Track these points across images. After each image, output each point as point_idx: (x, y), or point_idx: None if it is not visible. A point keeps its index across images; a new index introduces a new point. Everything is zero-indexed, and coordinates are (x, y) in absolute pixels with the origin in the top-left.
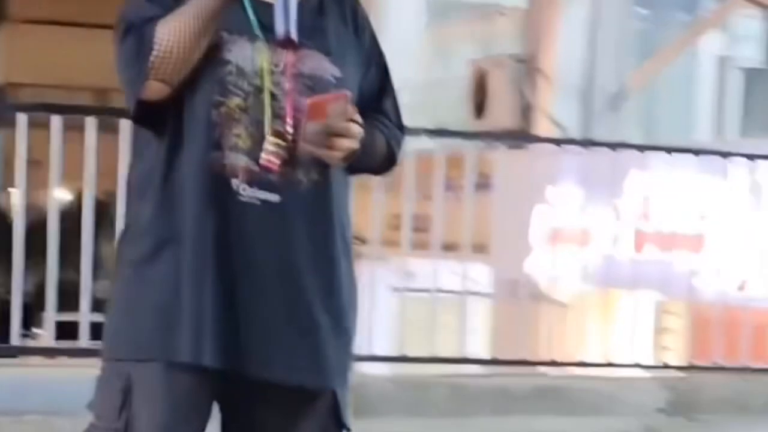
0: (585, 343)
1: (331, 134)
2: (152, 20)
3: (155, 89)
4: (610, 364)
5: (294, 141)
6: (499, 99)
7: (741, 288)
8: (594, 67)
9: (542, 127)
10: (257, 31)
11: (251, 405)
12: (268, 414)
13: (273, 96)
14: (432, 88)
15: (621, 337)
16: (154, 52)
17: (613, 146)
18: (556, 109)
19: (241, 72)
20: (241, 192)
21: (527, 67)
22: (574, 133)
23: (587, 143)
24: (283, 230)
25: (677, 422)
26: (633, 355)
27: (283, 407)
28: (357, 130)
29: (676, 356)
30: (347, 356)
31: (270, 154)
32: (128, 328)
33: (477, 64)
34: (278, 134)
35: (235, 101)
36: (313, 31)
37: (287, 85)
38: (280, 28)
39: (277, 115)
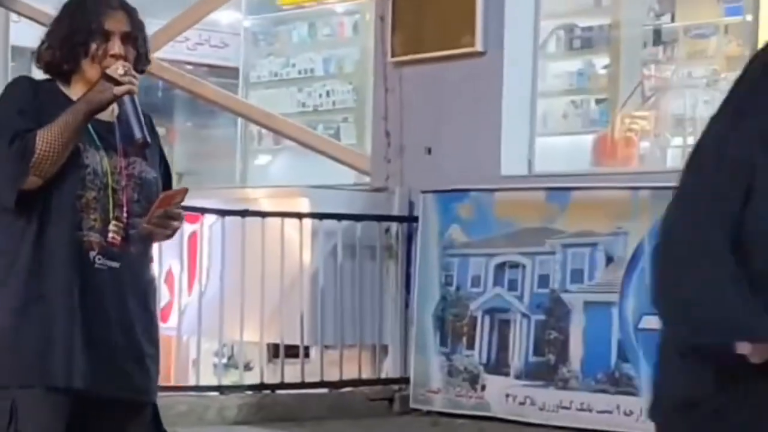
0: None
1: (168, 217)
2: (31, 131)
3: (33, 182)
4: None
5: (127, 223)
6: None
7: None
8: None
9: None
10: (99, 144)
11: (97, 420)
12: (107, 425)
13: (114, 191)
14: None
15: None
16: (36, 155)
17: None
18: None
19: (95, 173)
20: (97, 261)
21: None
22: None
23: None
24: (121, 287)
25: None
26: None
27: (119, 418)
28: (182, 214)
29: None
30: (157, 376)
31: (113, 233)
32: (10, 361)
33: None
34: (118, 219)
35: (92, 194)
36: (130, 144)
37: (124, 182)
38: (137, 134)
39: (117, 204)
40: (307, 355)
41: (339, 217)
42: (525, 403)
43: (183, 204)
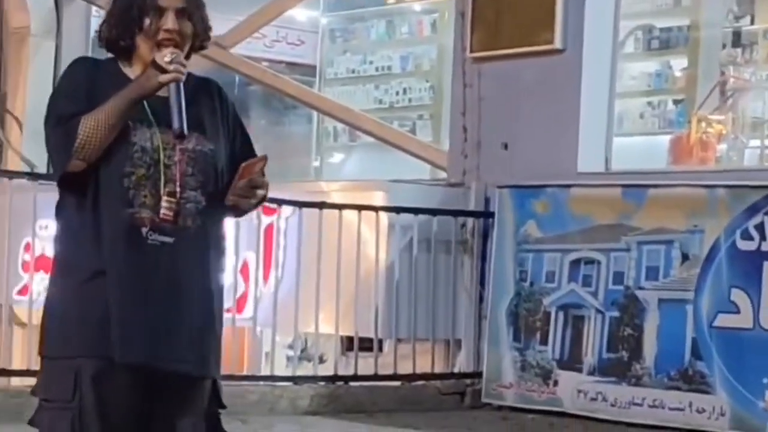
0: None
1: (252, 186)
2: (78, 114)
3: (76, 165)
4: None
5: (181, 198)
6: None
7: None
8: None
9: (14, 164)
10: (152, 120)
11: (157, 393)
12: (167, 399)
13: (166, 166)
14: None
15: None
16: (78, 141)
17: None
18: (25, 147)
19: (143, 149)
20: (149, 237)
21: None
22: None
23: None
24: (176, 262)
25: None
26: None
27: (178, 393)
28: (267, 182)
29: None
30: (220, 352)
31: (166, 209)
32: (75, 332)
33: None
34: (171, 194)
35: (141, 171)
36: (191, 116)
37: (177, 157)
38: (175, 124)
39: (170, 180)
40: (380, 348)
41: (415, 211)
42: (597, 399)
43: None
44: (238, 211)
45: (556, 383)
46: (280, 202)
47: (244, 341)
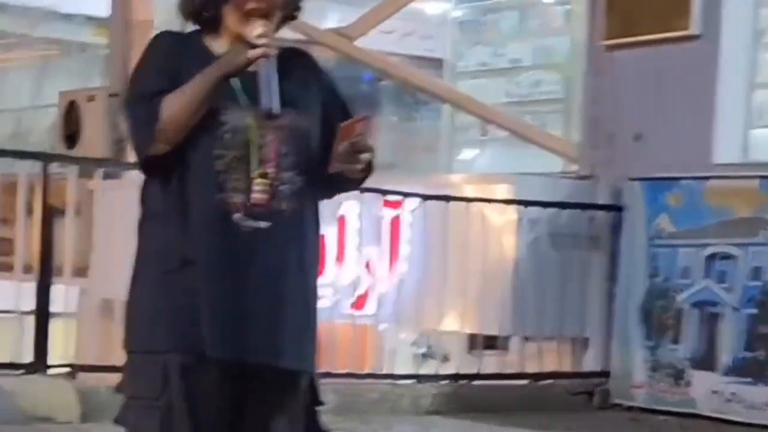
0: None
1: (355, 150)
2: (160, 93)
3: (160, 148)
4: None
5: (276, 179)
6: (92, 131)
7: None
8: None
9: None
10: (242, 97)
11: (250, 388)
12: (261, 394)
13: (259, 147)
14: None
15: None
16: (160, 121)
17: None
18: None
19: (235, 130)
20: (242, 223)
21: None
22: None
23: None
24: (270, 248)
25: None
26: None
27: (273, 388)
28: (371, 144)
29: None
30: (316, 346)
31: (259, 192)
32: (161, 327)
33: (67, 96)
34: (265, 176)
35: (232, 153)
36: (283, 92)
37: (270, 136)
38: (265, 103)
39: (264, 161)
40: (506, 346)
41: (544, 204)
42: (732, 401)
43: (386, 188)
44: (344, 184)
45: (688, 383)
46: (405, 194)
47: (366, 338)
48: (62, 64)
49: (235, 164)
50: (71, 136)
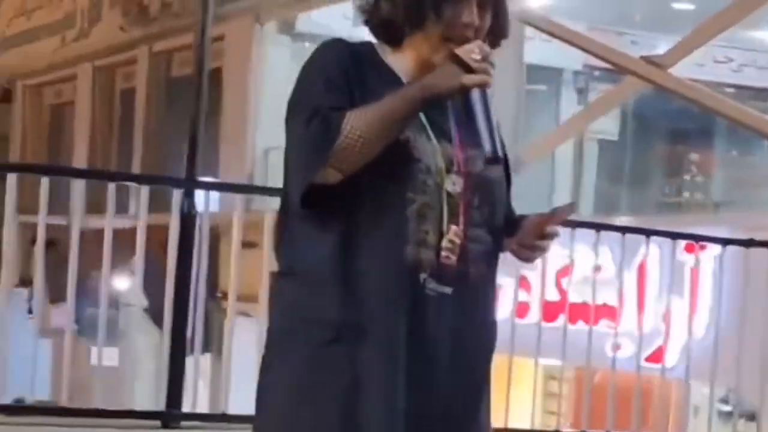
0: None
1: (544, 236)
2: (339, 109)
3: (331, 175)
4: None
5: (465, 237)
6: None
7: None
8: None
9: None
10: (431, 132)
11: None
12: None
13: (449, 195)
14: None
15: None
16: (340, 141)
17: None
18: None
19: (428, 170)
20: (427, 286)
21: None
22: None
23: None
24: (456, 321)
25: None
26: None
27: None
28: (558, 232)
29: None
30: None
31: (448, 250)
32: (308, 418)
33: None
34: (454, 231)
35: (425, 198)
36: (468, 132)
37: (461, 184)
38: (487, 146)
39: (454, 212)
40: None
41: None
42: None
43: (680, 231)
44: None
45: None
46: (697, 238)
47: (670, 396)
48: None
49: (426, 212)
50: None
